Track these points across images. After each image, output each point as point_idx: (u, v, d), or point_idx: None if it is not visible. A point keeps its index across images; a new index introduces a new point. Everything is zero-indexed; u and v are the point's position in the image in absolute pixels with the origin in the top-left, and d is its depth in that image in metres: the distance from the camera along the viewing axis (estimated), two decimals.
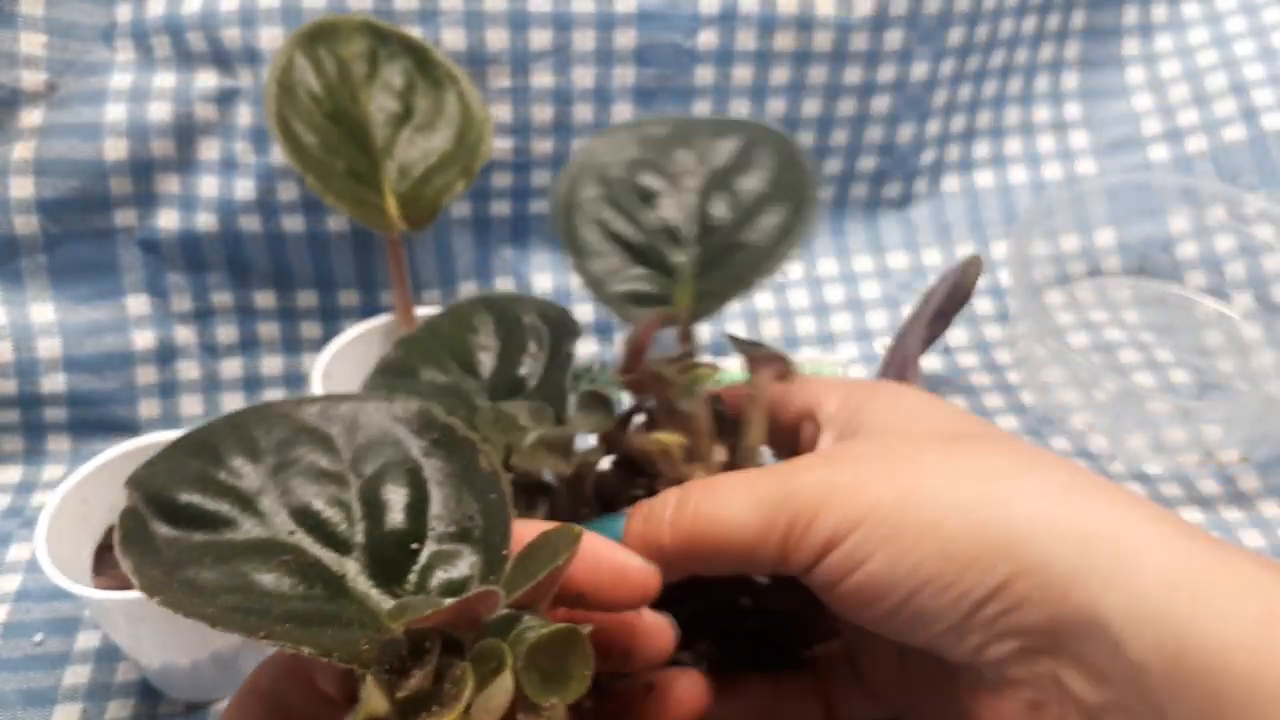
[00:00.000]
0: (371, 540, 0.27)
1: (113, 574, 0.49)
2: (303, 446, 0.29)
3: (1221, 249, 0.70)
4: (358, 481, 0.28)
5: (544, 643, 0.24)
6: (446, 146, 0.53)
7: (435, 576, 0.27)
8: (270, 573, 0.26)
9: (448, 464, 0.28)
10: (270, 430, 0.29)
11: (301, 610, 0.25)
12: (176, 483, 0.28)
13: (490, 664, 0.24)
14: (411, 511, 0.28)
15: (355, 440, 0.29)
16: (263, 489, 0.28)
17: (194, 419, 0.62)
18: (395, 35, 0.54)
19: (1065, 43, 0.74)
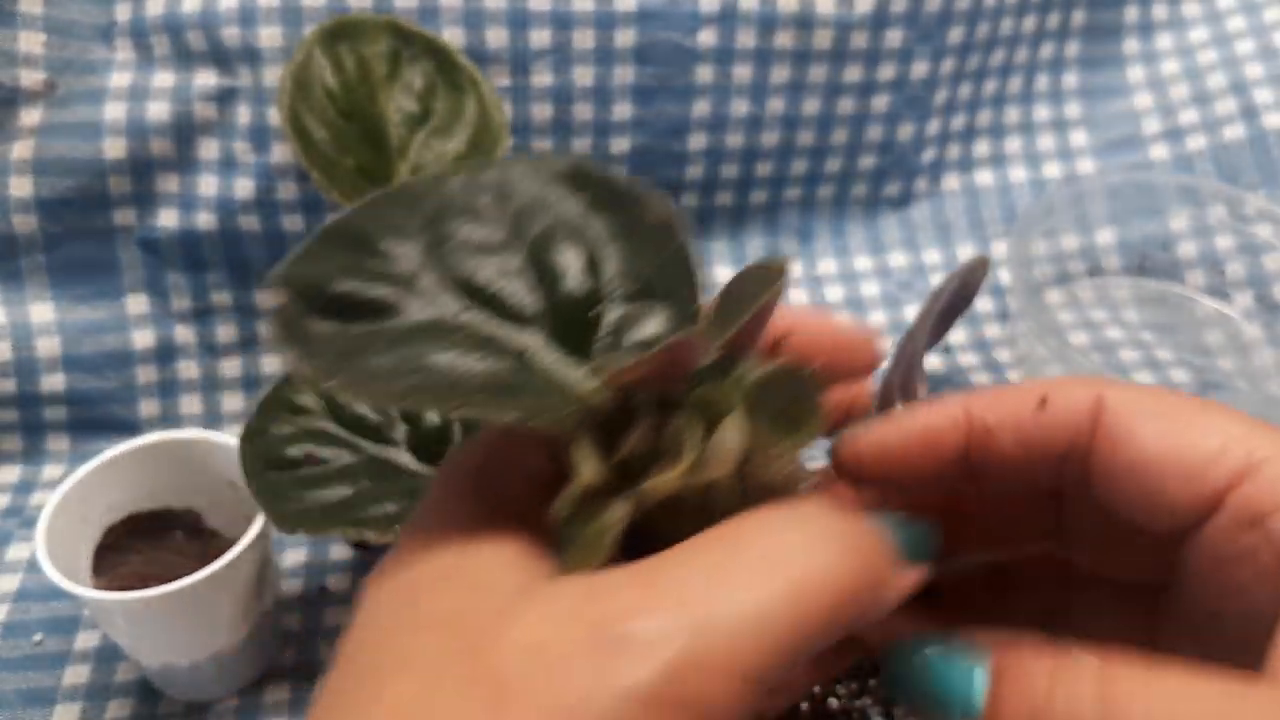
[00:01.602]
0: (547, 310, 0.25)
1: (113, 574, 0.49)
2: (454, 221, 0.26)
3: (1221, 248, 0.70)
4: (520, 250, 0.25)
5: (769, 381, 0.22)
6: (461, 150, 0.53)
7: (625, 339, 0.24)
8: (446, 353, 0.23)
9: (614, 220, 0.26)
10: (415, 210, 0.26)
11: (491, 385, 0.23)
12: (328, 274, 0.25)
13: (715, 409, 0.22)
14: (585, 274, 0.25)
15: (509, 208, 0.26)
16: (421, 269, 0.25)
17: (194, 419, 0.62)
18: (419, 36, 0.54)
19: (1066, 41, 0.74)
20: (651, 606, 0.20)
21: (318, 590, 0.54)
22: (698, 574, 0.20)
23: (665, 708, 0.19)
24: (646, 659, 0.19)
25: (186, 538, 0.51)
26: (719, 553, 0.21)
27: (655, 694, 0.19)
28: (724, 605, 0.20)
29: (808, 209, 0.71)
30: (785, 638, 0.20)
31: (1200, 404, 0.24)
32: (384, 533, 0.40)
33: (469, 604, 0.21)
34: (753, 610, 0.20)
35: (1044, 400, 0.25)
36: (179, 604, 0.44)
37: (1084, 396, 0.25)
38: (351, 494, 0.41)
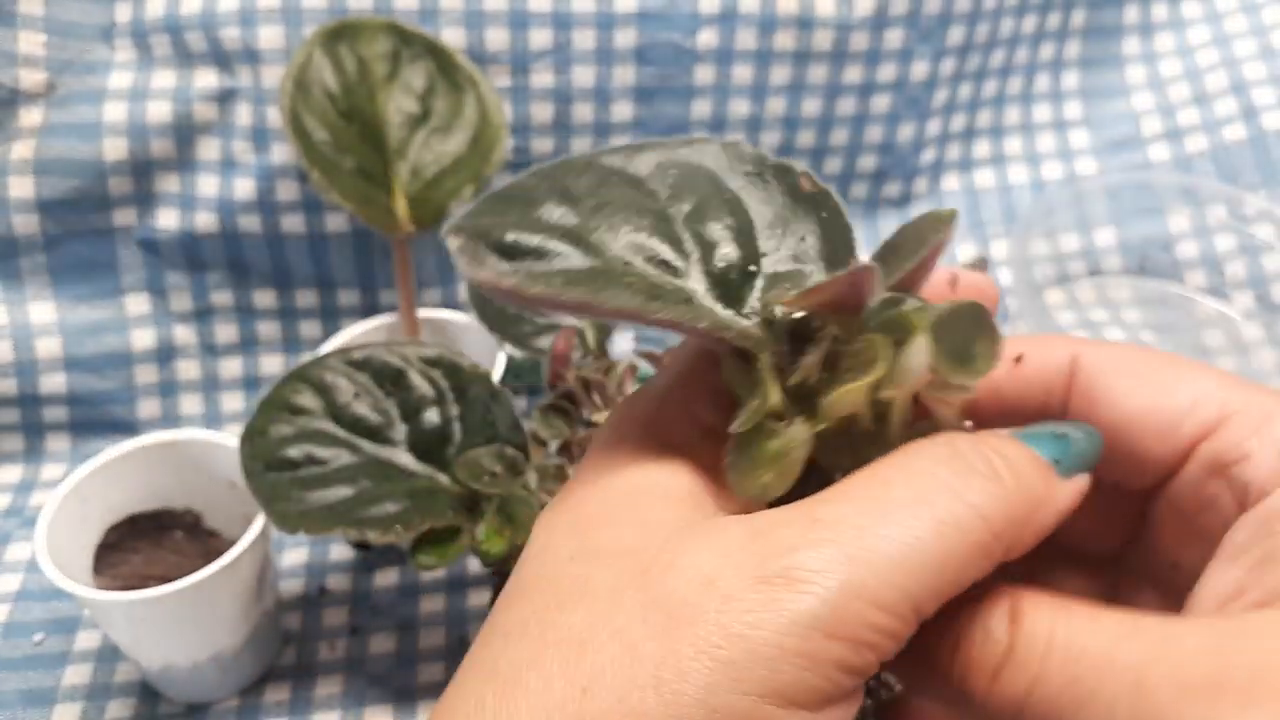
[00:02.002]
0: (708, 269, 0.26)
1: (113, 574, 0.49)
2: (616, 189, 0.27)
3: (1221, 248, 0.70)
4: (680, 216, 0.26)
5: (953, 313, 0.23)
6: (461, 150, 0.53)
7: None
8: (621, 293, 0.24)
9: (768, 191, 0.27)
10: (579, 177, 0.27)
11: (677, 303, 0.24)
12: (500, 225, 0.25)
13: (902, 329, 0.23)
14: (741, 240, 0.26)
15: (667, 179, 0.27)
16: (585, 226, 0.26)
17: (194, 419, 0.62)
18: (419, 37, 0.54)
19: (1066, 42, 0.74)
20: (812, 541, 0.21)
21: (318, 590, 0.54)
22: (854, 511, 0.21)
23: (827, 636, 0.20)
24: (809, 589, 0.20)
25: (186, 538, 0.51)
26: (876, 489, 0.22)
27: (818, 622, 0.20)
28: (879, 540, 0.21)
29: None
30: (936, 570, 0.21)
31: (1172, 359, 0.25)
32: (385, 533, 0.40)
33: (640, 538, 0.22)
34: (905, 545, 0.21)
35: (1020, 357, 0.26)
36: (179, 604, 0.44)
37: (1059, 354, 0.26)
38: (352, 494, 0.42)
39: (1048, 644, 0.21)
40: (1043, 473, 0.23)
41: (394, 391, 0.45)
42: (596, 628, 0.21)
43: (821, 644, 0.20)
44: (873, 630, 0.20)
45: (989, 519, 0.21)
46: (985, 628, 0.22)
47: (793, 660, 0.20)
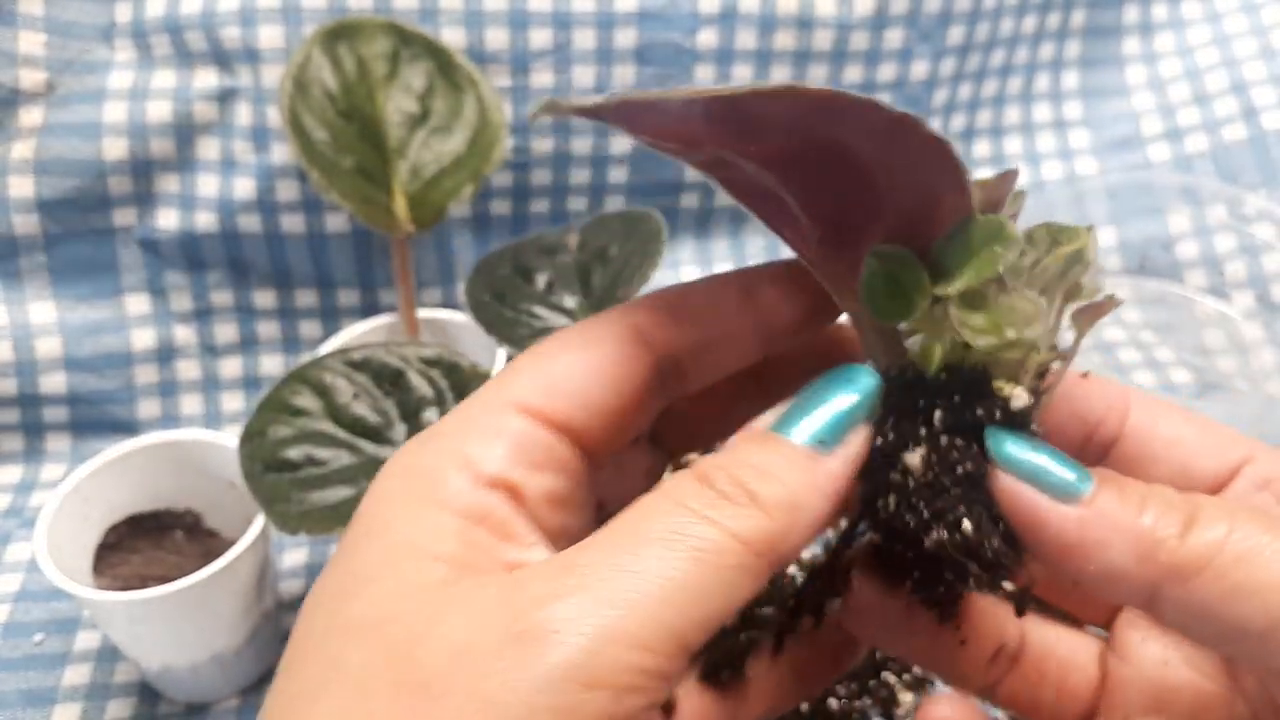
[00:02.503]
0: None
1: (113, 574, 0.49)
2: None
3: (1221, 248, 0.70)
4: None
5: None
6: (460, 150, 0.53)
7: None
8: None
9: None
10: None
11: None
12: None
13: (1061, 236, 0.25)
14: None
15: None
16: None
17: (194, 419, 0.62)
18: (418, 37, 0.54)
19: (1066, 41, 0.74)
20: (565, 590, 0.20)
21: None
22: (607, 553, 0.21)
23: (585, 686, 0.19)
24: (563, 641, 0.19)
25: (186, 538, 0.51)
26: (628, 529, 0.21)
27: (574, 674, 0.19)
28: (634, 579, 0.20)
29: None
30: (699, 601, 0.20)
31: (1204, 420, 0.27)
32: None
33: (395, 607, 0.21)
34: (662, 580, 0.20)
35: (1087, 374, 0.27)
36: (179, 604, 0.44)
37: (1117, 385, 0.28)
38: (352, 495, 0.41)
39: (1230, 510, 0.22)
40: (801, 466, 0.22)
41: (393, 392, 0.45)
42: (355, 711, 0.20)
43: (579, 696, 0.19)
44: (636, 673, 0.20)
45: (748, 541, 0.21)
46: (1166, 496, 0.23)
47: (549, 719, 0.19)
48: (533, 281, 0.53)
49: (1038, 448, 0.24)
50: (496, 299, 0.52)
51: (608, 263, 0.53)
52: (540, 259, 0.54)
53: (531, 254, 0.54)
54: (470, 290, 0.52)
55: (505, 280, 0.53)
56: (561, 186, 0.65)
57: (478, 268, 0.53)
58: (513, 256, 0.54)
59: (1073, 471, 0.23)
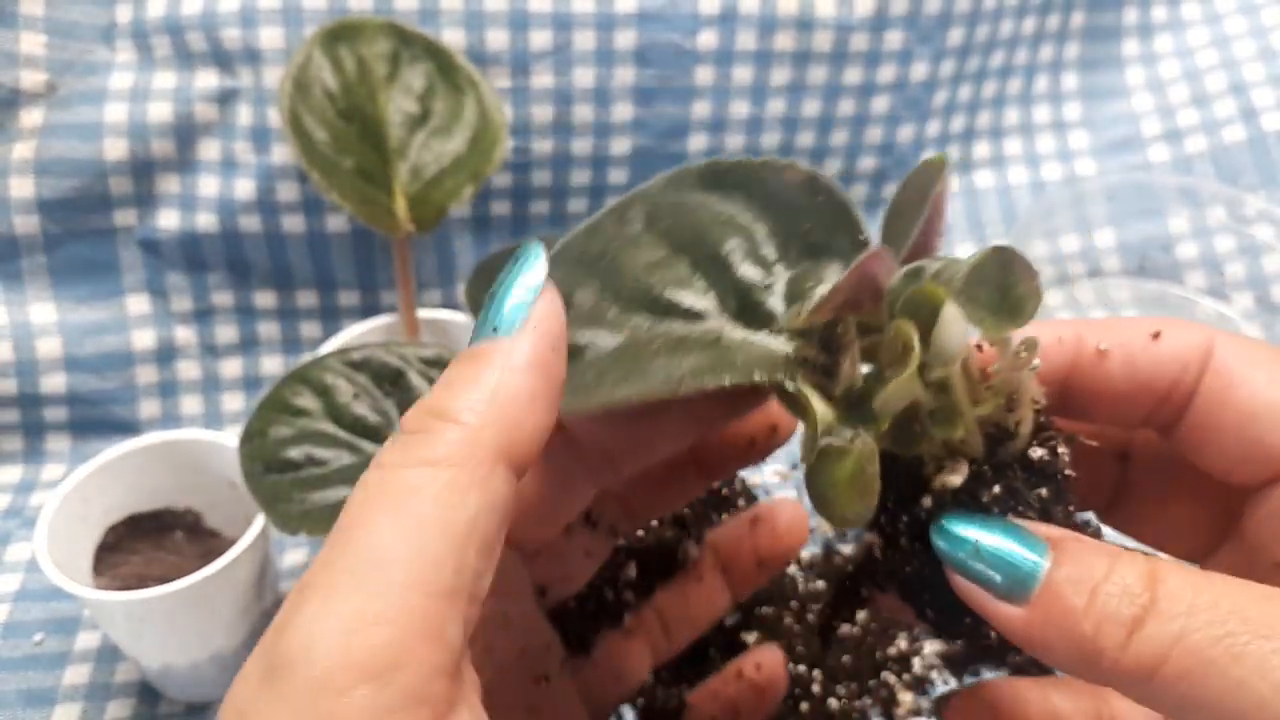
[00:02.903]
0: (724, 301, 0.25)
1: (113, 574, 0.49)
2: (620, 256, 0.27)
3: (1221, 249, 0.70)
4: (683, 258, 0.26)
5: (975, 272, 0.21)
6: (460, 150, 0.53)
7: (807, 297, 0.24)
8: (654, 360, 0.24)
9: (756, 200, 0.26)
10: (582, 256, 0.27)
11: (699, 368, 0.24)
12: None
13: (925, 309, 0.21)
14: (747, 258, 0.26)
15: (658, 227, 0.27)
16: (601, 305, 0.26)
17: (194, 419, 0.62)
18: (418, 38, 0.54)
19: (1065, 43, 0.74)
20: (300, 613, 0.19)
21: None
22: (323, 558, 0.20)
23: (342, 690, 0.18)
24: (308, 658, 0.19)
25: (186, 538, 0.51)
26: (336, 528, 0.21)
27: (327, 682, 0.18)
28: (352, 563, 0.20)
29: None
30: (420, 550, 0.20)
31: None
32: None
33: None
34: (376, 551, 0.20)
35: (1159, 333, 0.25)
36: (179, 604, 0.44)
37: (1197, 335, 0.25)
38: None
39: (1191, 602, 0.20)
40: (479, 359, 0.22)
41: (393, 392, 0.45)
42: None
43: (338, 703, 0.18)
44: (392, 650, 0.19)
45: (451, 458, 0.20)
46: (1123, 584, 0.21)
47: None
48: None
49: (980, 540, 0.22)
50: None
51: None
52: None
53: None
54: (470, 291, 0.52)
55: None
56: (562, 188, 0.65)
57: (478, 269, 0.53)
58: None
59: (1019, 564, 0.22)
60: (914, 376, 0.21)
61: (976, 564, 0.22)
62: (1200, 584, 0.21)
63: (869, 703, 0.45)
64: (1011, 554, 0.22)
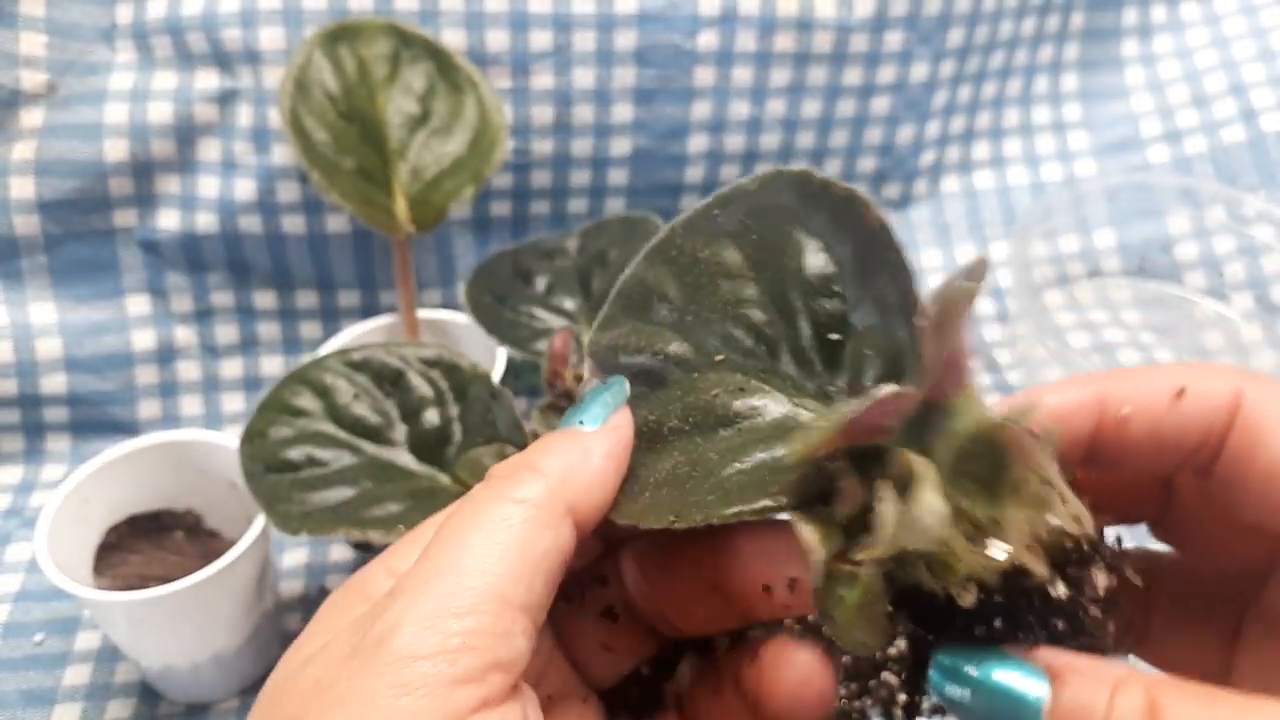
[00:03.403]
0: (792, 339, 0.26)
1: (113, 574, 0.49)
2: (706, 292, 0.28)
3: (1221, 250, 0.70)
4: (763, 286, 0.27)
5: (968, 447, 0.21)
6: (460, 151, 0.53)
7: (863, 374, 0.25)
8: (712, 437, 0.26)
9: (844, 235, 0.26)
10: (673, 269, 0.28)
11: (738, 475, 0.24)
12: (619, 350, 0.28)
13: (909, 477, 0.21)
14: (823, 295, 0.26)
15: (747, 251, 0.27)
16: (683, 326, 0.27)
17: (194, 420, 0.62)
18: (418, 39, 0.54)
19: (1065, 44, 0.74)
20: (397, 600, 0.23)
21: (318, 591, 0.54)
22: (424, 559, 0.23)
23: (418, 657, 0.22)
24: (397, 632, 0.22)
25: (187, 538, 0.51)
26: (437, 537, 0.24)
27: (406, 649, 0.22)
28: (445, 564, 0.23)
29: None
30: (505, 562, 0.23)
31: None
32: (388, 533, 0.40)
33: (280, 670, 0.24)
34: (465, 556, 0.23)
35: (1182, 391, 0.25)
36: (179, 604, 0.44)
37: (1223, 388, 0.24)
38: (353, 495, 0.42)
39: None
40: (568, 437, 0.26)
41: (393, 392, 0.45)
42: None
43: (415, 668, 0.21)
44: (466, 636, 0.22)
45: (528, 498, 0.24)
46: (1123, 717, 0.20)
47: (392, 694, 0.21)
48: (532, 284, 0.53)
49: (978, 677, 0.22)
50: (497, 300, 0.52)
51: (607, 266, 0.53)
52: (540, 263, 0.54)
53: (531, 258, 0.54)
54: (471, 292, 0.52)
55: (505, 283, 0.53)
56: (562, 188, 0.65)
57: (477, 271, 0.53)
58: (512, 260, 0.54)
59: (1022, 698, 0.22)
60: (883, 551, 0.21)
61: (976, 703, 0.22)
62: (1202, 709, 0.20)
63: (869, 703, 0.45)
64: (1011, 689, 0.22)
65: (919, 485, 0.21)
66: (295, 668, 0.23)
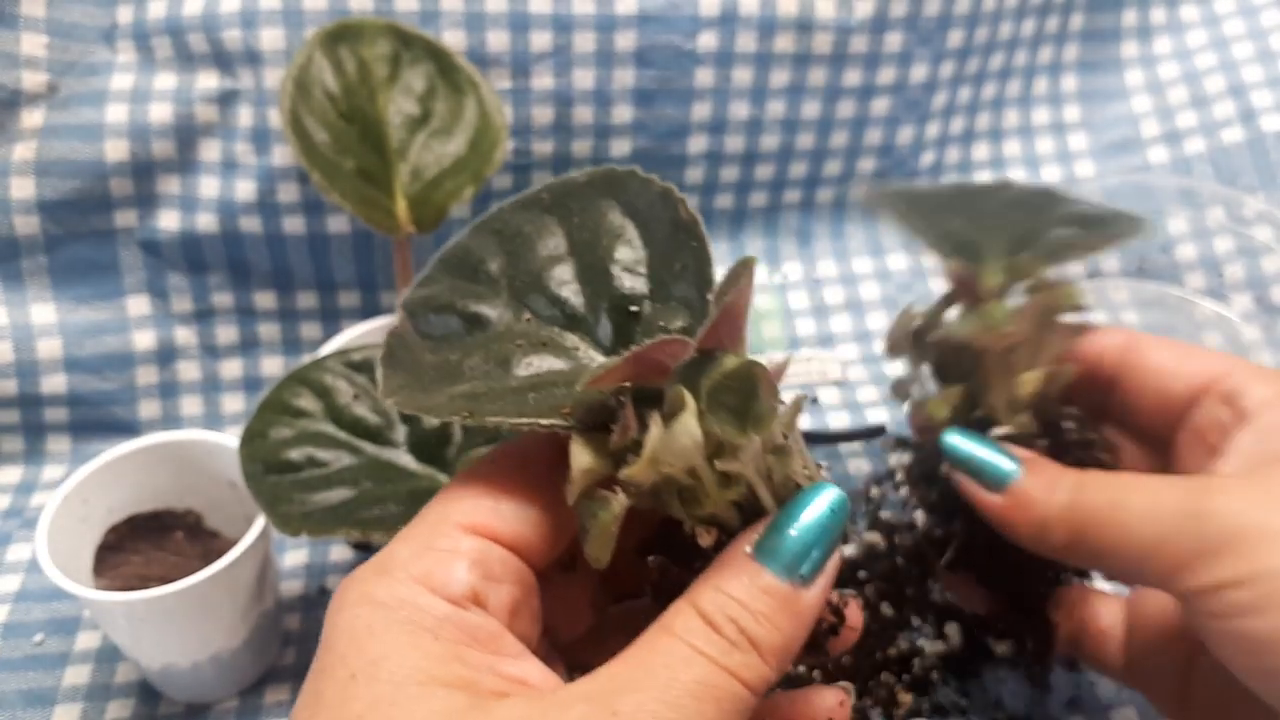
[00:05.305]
0: (595, 311, 0.29)
1: (114, 574, 0.49)
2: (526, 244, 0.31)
3: (1220, 250, 0.70)
4: (577, 263, 0.30)
5: (724, 380, 0.24)
6: (461, 151, 0.53)
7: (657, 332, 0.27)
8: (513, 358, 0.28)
9: (650, 225, 0.30)
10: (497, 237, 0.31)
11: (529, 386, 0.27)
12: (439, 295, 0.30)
13: (674, 408, 0.24)
14: (632, 276, 0.30)
15: (568, 226, 0.31)
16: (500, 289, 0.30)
17: (194, 420, 0.62)
18: (419, 39, 0.54)
19: (1064, 45, 0.74)
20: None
21: (318, 591, 0.54)
22: (611, 686, 0.23)
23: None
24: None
25: (187, 538, 0.51)
26: (632, 661, 0.24)
27: None
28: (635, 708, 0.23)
29: (807, 211, 0.71)
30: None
31: (1185, 347, 0.37)
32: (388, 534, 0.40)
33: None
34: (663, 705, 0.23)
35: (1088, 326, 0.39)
36: (179, 604, 0.44)
37: (1116, 332, 0.38)
38: (353, 496, 0.42)
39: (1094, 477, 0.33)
40: (790, 610, 0.25)
41: None
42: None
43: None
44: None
45: (748, 681, 0.24)
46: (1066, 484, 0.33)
47: None
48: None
49: (974, 451, 0.35)
50: None
51: None
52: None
53: None
54: None
55: None
56: None
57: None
58: None
59: (1000, 468, 0.35)
60: (643, 468, 0.25)
61: (971, 461, 0.35)
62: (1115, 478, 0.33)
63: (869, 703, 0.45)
64: (994, 462, 0.35)
65: (679, 412, 0.24)
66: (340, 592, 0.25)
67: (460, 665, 0.23)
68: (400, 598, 0.25)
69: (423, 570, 0.25)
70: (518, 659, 0.25)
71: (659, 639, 0.24)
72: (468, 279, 0.30)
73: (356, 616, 0.24)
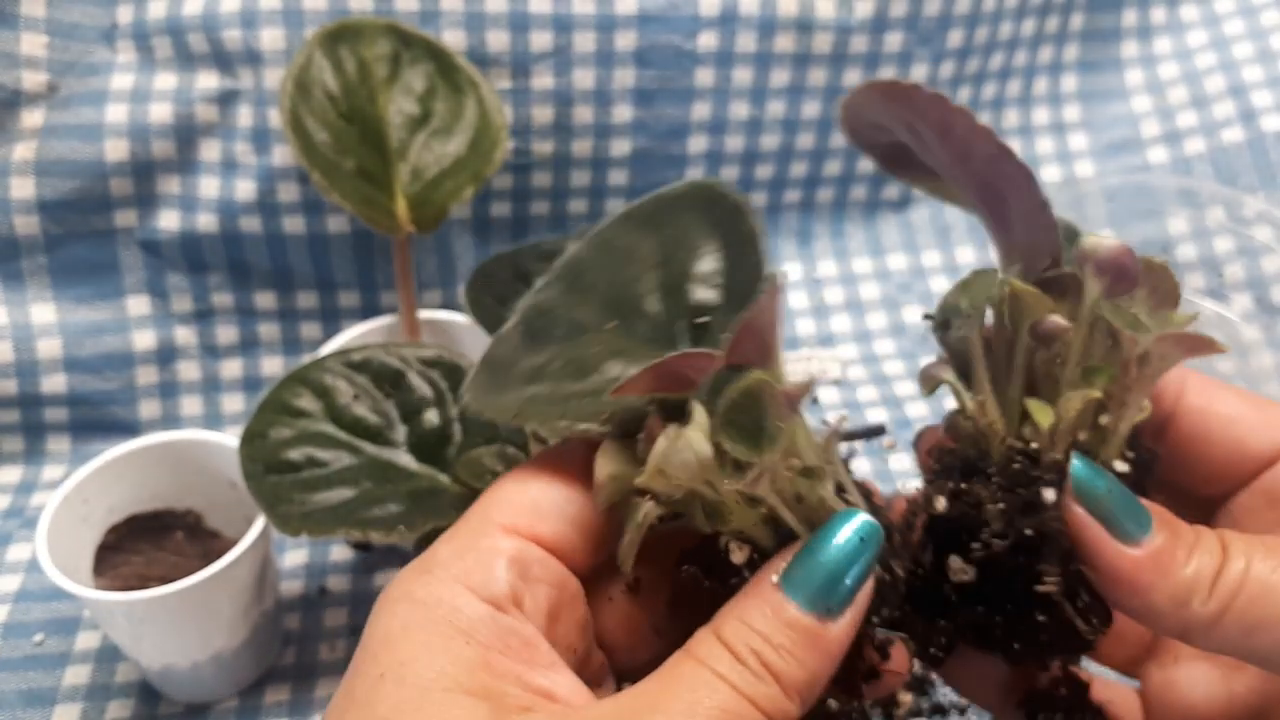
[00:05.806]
0: (674, 321, 0.30)
1: (114, 574, 0.49)
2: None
3: (1220, 250, 0.70)
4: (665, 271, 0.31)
5: (739, 397, 0.24)
6: (461, 152, 0.53)
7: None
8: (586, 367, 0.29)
9: (725, 238, 0.31)
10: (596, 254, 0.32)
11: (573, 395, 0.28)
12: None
13: (685, 422, 0.25)
14: (705, 285, 0.30)
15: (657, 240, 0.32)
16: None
17: (194, 420, 0.62)
18: (419, 39, 0.54)
19: (1064, 45, 0.74)
20: None
21: (318, 591, 0.54)
22: (630, 709, 0.23)
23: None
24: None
25: (187, 538, 0.51)
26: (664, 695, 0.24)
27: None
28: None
29: (807, 211, 0.71)
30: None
31: (1260, 399, 0.30)
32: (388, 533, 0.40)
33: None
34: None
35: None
36: (179, 604, 0.44)
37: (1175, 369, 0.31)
38: (353, 496, 0.42)
39: (1252, 545, 0.26)
40: (814, 645, 0.24)
41: (393, 393, 0.45)
42: None
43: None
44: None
45: (769, 712, 0.24)
46: (1207, 545, 0.26)
47: None
48: (532, 286, 0.53)
49: (1112, 484, 0.27)
50: (498, 301, 0.52)
51: None
52: (540, 264, 0.54)
53: (531, 259, 0.54)
54: (471, 292, 0.52)
55: (506, 284, 0.53)
56: (562, 189, 0.65)
57: (477, 272, 0.53)
58: (512, 261, 0.54)
59: (1140, 513, 0.26)
60: (649, 478, 0.25)
61: (1108, 501, 0.26)
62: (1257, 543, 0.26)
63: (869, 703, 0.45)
64: (1133, 503, 0.26)
65: (689, 426, 0.24)
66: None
67: (487, 674, 0.24)
68: (439, 597, 0.25)
69: (463, 569, 0.25)
70: (549, 670, 0.25)
71: (684, 663, 0.24)
72: (572, 287, 0.31)
73: (394, 614, 0.25)
